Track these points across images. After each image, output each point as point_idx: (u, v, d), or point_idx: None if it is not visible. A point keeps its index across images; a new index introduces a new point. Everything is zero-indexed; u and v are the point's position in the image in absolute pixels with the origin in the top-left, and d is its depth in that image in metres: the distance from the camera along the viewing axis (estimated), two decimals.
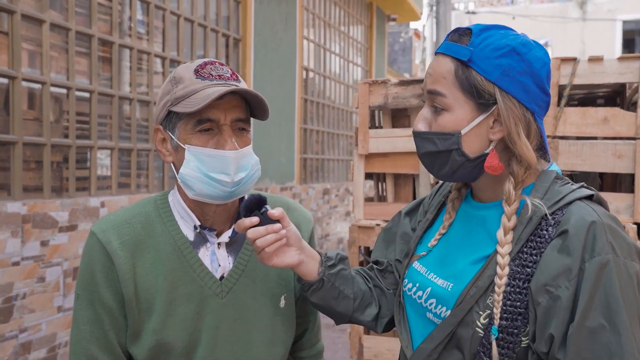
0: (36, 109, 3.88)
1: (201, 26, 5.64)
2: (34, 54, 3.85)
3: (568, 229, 1.02)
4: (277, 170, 6.91)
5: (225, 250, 1.32)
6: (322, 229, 8.25)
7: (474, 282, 1.10)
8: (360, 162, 2.70)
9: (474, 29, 1.11)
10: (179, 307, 1.25)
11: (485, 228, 1.16)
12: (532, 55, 1.08)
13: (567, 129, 2.43)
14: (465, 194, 1.27)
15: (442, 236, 1.26)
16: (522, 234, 1.07)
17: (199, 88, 1.20)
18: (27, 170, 3.78)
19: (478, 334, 1.07)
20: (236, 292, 1.30)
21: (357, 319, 1.34)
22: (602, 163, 2.38)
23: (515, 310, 1.04)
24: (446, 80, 1.10)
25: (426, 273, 1.23)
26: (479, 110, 1.09)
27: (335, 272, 1.30)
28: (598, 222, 1.01)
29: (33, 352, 3.66)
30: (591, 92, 2.78)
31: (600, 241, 1.00)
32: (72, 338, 1.28)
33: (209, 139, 1.22)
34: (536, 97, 1.09)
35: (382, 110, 2.75)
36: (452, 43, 1.11)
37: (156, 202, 1.33)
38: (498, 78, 1.06)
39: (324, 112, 8.53)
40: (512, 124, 1.07)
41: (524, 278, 1.05)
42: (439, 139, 1.11)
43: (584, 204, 1.06)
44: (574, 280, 0.99)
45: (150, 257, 1.26)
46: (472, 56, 1.07)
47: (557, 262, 1.01)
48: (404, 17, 11.39)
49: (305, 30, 7.75)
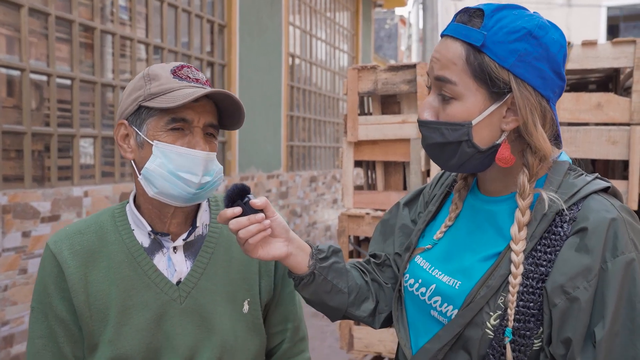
0: (15, 96, 3.77)
1: (185, 12, 5.53)
2: (12, 39, 3.73)
3: (587, 227, 0.96)
4: (264, 158, 6.83)
5: (182, 254, 1.28)
6: (309, 217, 8.21)
7: (484, 281, 1.04)
8: (349, 149, 2.65)
9: (486, 10, 1.02)
10: (134, 316, 1.22)
11: (494, 224, 1.10)
12: (549, 38, 1.00)
13: (560, 115, 2.38)
14: (472, 183, 1.21)
15: (448, 229, 1.20)
16: (536, 231, 1.01)
17: (177, 87, 1.19)
18: (7, 160, 3.68)
19: (488, 336, 1.02)
20: (195, 297, 1.25)
21: (353, 314, 1.28)
22: (595, 149, 2.34)
23: (528, 311, 0.99)
24: (456, 66, 1.02)
25: (430, 269, 1.17)
26: (492, 98, 1.01)
27: (327, 265, 1.22)
28: (618, 218, 0.96)
29: (15, 345, 3.59)
30: (583, 77, 2.74)
31: (622, 239, 0.94)
32: (28, 352, 1.26)
33: (179, 138, 1.20)
34: (552, 83, 1.02)
35: (372, 96, 2.69)
36: (461, 25, 1.03)
37: (113, 212, 1.31)
38: (513, 64, 0.99)
39: (310, 99, 8.45)
40: (528, 113, 0.99)
41: (537, 277, 0.99)
42: (448, 129, 1.04)
43: (600, 198, 1.00)
44: (593, 280, 0.94)
45: (103, 267, 1.24)
46: (486, 40, 0.99)
47: (575, 262, 0.95)
48: (390, 3, 11.31)
49: (291, 17, 7.65)
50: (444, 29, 1.09)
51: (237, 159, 6.17)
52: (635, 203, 2.27)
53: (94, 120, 4.38)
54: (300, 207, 7.90)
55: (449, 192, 1.28)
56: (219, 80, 6.08)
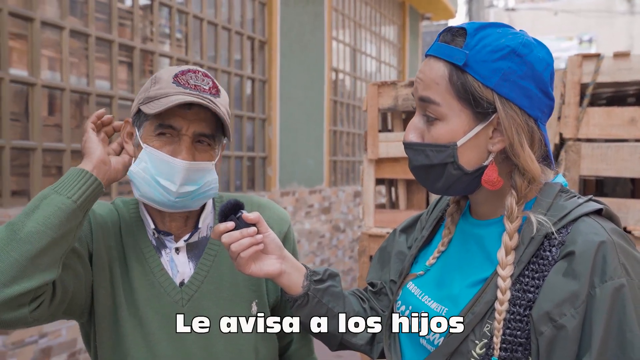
0: (56, 114, 3.89)
1: (225, 29, 5.61)
2: (53, 59, 3.87)
3: (574, 250, 0.91)
4: (305, 174, 6.82)
5: (185, 255, 1.27)
6: (353, 232, 8.14)
7: (469, 307, 1.00)
8: (370, 167, 2.59)
9: (468, 29, 0.99)
10: (137, 311, 1.22)
11: (482, 248, 1.06)
12: (534, 56, 0.97)
13: (590, 131, 2.26)
14: (464, 207, 1.16)
15: (441, 254, 1.16)
16: (524, 255, 0.96)
17: (172, 93, 1.18)
18: (47, 176, 3.79)
19: None
20: (198, 300, 1.24)
21: (349, 341, 1.24)
22: (629, 167, 2.20)
23: (516, 340, 0.94)
24: (439, 86, 0.99)
25: (420, 295, 1.13)
26: (477, 119, 0.98)
27: (322, 287, 1.20)
28: (608, 241, 0.90)
29: (53, 357, 3.67)
30: (620, 90, 2.59)
31: (611, 263, 0.89)
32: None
33: (165, 145, 1.19)
34: (539, 103, 0.98)
35: (393, 112, 2.63)
36: (444, 44, 1.00)
37: (128, 205, 1.32)
38: (497, 84, 0.96)
39: (354, 113, 8.42)
40: (514, 133, 0.96)
41: (525, 304, 0.94)
42: (433, 151, 1.01)
43: (591, 220, 0.95)
44: (581, 307, 0.88)
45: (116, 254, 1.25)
46: (468, 60, 0.96)
47: (562, 288, 0.91)
48: (439, 15, 11.17)
49: (335, 31, 7.65)
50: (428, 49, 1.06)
51: (278, 174, 6.19)
52: None
53: None
54: (344, 222, 7.85)
55: (442, 217, 1.23)
56: (259, 96, 6.13)
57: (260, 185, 6.08)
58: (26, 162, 3.63)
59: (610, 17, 20.73)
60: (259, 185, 6.03)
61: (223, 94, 1.26)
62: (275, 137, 6.15)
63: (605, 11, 20.71)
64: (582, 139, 2.29)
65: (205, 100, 1.19)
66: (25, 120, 3.65)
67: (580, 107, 2.26)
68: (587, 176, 2.31)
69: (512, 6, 21.16)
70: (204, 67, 5.23)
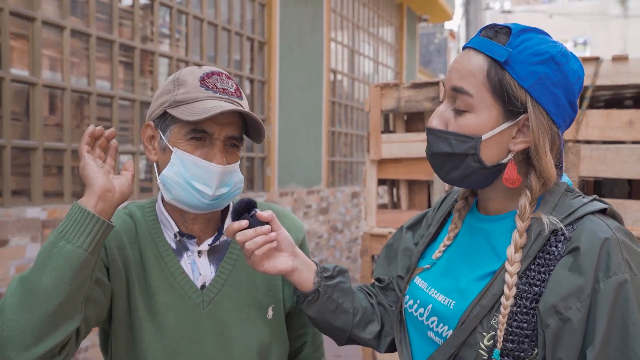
0: (57, 114, 3.91)
1: (225, 30, 5.63)
2: (54, 59, 3.88)
3: (580, 246, 0.95)
4: (304, 174, 6.85)
5: (206, 258, 1.28)
6: (350, 232, 8.17)
7: (477, 300, 1.03)
8: (372, 168, 2.62)
9: (513, 29, 1.02)
10: (156, 316, 1.22)
11: (490, 242, 1.09)
12: (569, 67, 1.00)
13: (589, 133, 2.30)
14: (472, 203, 1.19)
15: (447, 248, 1.19)
16: (530, 251, 0.99)
17: (201, 97, 1.19)
18: (47, 176, 3.81)
19: (482, 357, 1.00)
20: (218, 303, 1.25)
21: (358, 336, 1.27)
22: (628, 169, 2.23)
23: (522, 332, 0.97)
24: (475, 78, 1.01)
25: (427, 289, 1.16)
26: (506, 116, 1.01)
27: (332, 283, 1.23)
28: (612, 238, 0.94)
29: None
30: (618, 93, 2.63)
31: (615, 259, 0.92)
32: None
33: (198, 148, 1.19)
34: (564, 112, 1.02)
35: (395, 114, 2.66)
36: (486, 39, 1.03)
37: (144, 208, 1.32)
38: (532, 86, 0.99)
39: (352, 114, 8.45)
40: (540, 136, 0.99)
41: (531, 297, 0.97)
42: (457, 140, 1.03)
43: (596, 219, 0.99)
44: (586, 301, 0.92)
45: (134, 259, 1.24)
46: (510, 58, 0.99)
47: (567, 282, 0.94)
48: (436, 18, 11.22)
49: (333, 32, 7.68)
50: (468, 40, 1.09)
51: (277, 174, 6.21)
52: None
53: (133, 137, 4.49)
54: (342, 222, 7.87)
55: (449, 212, 1.26)
56: (258, 96, 6.15)
57: (259, 186, 6.09)
58: (27, 162, 3.65)
59: (605, 20, 20.85)
60: (258, 186, 6.04)
61: (244, 94, 1.28)
62: (274, 137, 6.17)
63: (599, 14, 20.83)
64: (582, 141, 2.32)
65: (235, 103, 1.21)
66: (26, 120, 3.66)
67: (580, 109, 2.30)
68: (586, 177, 2.34)
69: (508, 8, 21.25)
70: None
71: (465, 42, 6.96)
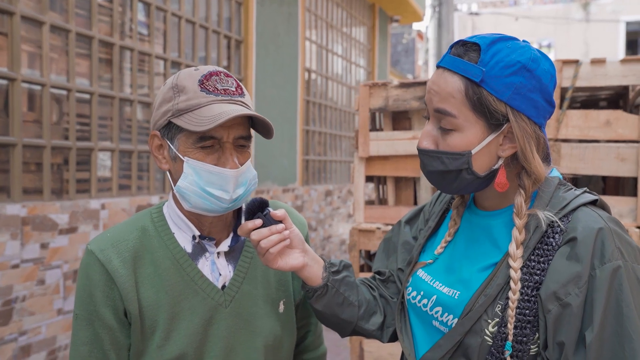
0: (36, 110, 3.86)
1: (203, 27, 5.63)
2: (33, 55, 3.84)
3: (576, 236, 1.02)
4: (279, 172, 6.88)
5: (224, 259, 1.30)
6: (324, 230, 8.23)
7: (482, 290, 1.09)
8: (360, 165, 2.68)
9: (481, 44, 1.06)
10: (182, 322, 1.23)
11: (490, 236, 1.15)
12: (541, 69, 1.06)
13: (569, 132, 2.40)
14: (468, 200, 1.26)
15: (448, 243, 1.25)
16: (530, 242, 1.06)
17: (204, 103, 1.17)
18: (27, 172, 3.77)
19: (487, 343, 1.06)
20: (239, 300, 1.29)
21: (362, 327, 1.33)
22: (605, 166, 2.35)
23: (524, 318, 1.04)
24: (455, 99, 1.06)
25: (431, 281, 1.22)
26: (490, 129, 1.07)
27: (339, 278, 1.28)
28: (605, 228, 1.01)
29: (33, 354, 3.65)
30: (594, 95, 2.75)
31: (609, 247, 0.99)
32: (71, 357, 1.24)
33: (209, 154, 1.19)
34: (544, 111, 1.08)
35: (383, 112, 2.73)
36: (458, 59, 1.07)
37: (152, 216, 1.30)
38: (510, 97, 1.04)
39: (326, 113, 8.51)
40: (525, 142, 1.05)
41: (532, 286, 1.04)
42: (449, 158, 1.09)
43: (589, 210, 1.06)
44: (584, 287, 0.99)
45: (150, 273, 1.23)
46: (484, 76, 1.04)
47: (566, 270, 1.01)
48: (407, 19, 11.35)
49: (307, 32, 7.73)
50: (440, 59, 1.13)
51: None
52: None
53: (112, 134, 4.47)
54: (316, 220, 7.93)
55: (447, 208, 1.32)
56: None
57: None
58: (6, 159, 3.60)
59: (567, 23, 21.34)
60: None
61: (245, 91, 1.26)
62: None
63: (562, 18, 21.32)
64: (561, 140, 2.43)
65: (239, 102, 1.21)
66: (5, 116, 3.61)
67: (560, 109, 2.40)
68: (566, 174, 2.45)
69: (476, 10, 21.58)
70: (182, 66, 5.24)
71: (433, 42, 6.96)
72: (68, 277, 3.87)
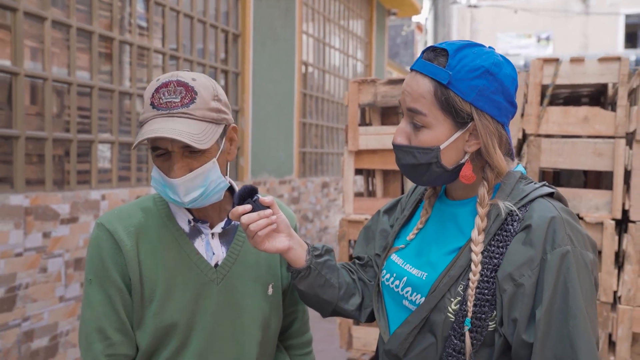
0: (38, 103, 3.97)
1: (200, 22, 5.72)
2: (36, 50, 3.94)
3: (531, 224, 1.13)
4: (276, 164, 6.99)
5: (218, 240, 1.43)
6: (320, 222, 8.34)
7: (446, 271, 1.21)
8: (350, 158, 2.79)
9: (449, 50, 1.18)
10: (177, 293, 1.36)
11: (456, 223, 1.27)
12: (503, 73, 1.17)
13: (549, 128, 2.51)
14: (440, 191, 1.37)
15: (419, 230, 1.36)
16: (490, 229, 1.18)
17: (149, 117, 1.27)
18: (29, 164, 3.87)
19: (449, 319, 1.18)
20: (230, 279, 1.41)
21: (342, 307, 1.44)
22: (582, 161, 2.46)
23: (483, 297, 1.15)
24: (426, 100, 1.17)
25: (403, 264, 1.33)
26: (457, 126, 1.18)
27: (322, 261, 1.39)
28: (557, 217, 1.13)
29: (35, 340, 3.77)
30: (575, 91, 2.86)
31: (560, 234, 1.11)
32: (85, 318, 1.36)
33: (163, 162, 1.31)
34: (506, 111, 1.19)
35: (372, 108, 2.83)
36: (429, 63, 1.18)
37: (155, 199, 1.44)
38: (474, 98, 1.15)
39: (323, 106, 8.61)
40: (488, 139, 1.17)
41: (491, 268, 1.15)
42: (420, 152, 1.20)
43: (545, 201, 1.18)
44: (536, 269, 1.10)
45: (150, 248, 1.37)
46: (451, 78, 1.15)
47: (521, 254, 1.12)
48: (405, 12, 11.43)
49: (305, 25, 7.81)
50: (413, 63, 1.25)
51: (250, 164, 6.34)
52: (619, 212, 2.38)
53: (112, 126, 4.57)
54: (312, 212, 8.04)
55: (421, 199, 1.44)
56: (232, 88, 6.26)
57: (233, 176, 6.22)
58: (9, 150, 3.71)
59: (566, 16, 21.35)
60: (231, 175, 6.16)
61: (200, 95, 1.27)
62: (248, 128, 6.29)
63: (561, 10, 21.34)
64: (542, 135, 2.53)
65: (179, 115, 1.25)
66: (9, 109, 3.72)
67: (540, 106, 2.51)
68: (546, 168, 2.56)
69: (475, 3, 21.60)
70: (180, 60, 5.33)
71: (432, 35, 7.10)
72: (69, 266, 3.99)
